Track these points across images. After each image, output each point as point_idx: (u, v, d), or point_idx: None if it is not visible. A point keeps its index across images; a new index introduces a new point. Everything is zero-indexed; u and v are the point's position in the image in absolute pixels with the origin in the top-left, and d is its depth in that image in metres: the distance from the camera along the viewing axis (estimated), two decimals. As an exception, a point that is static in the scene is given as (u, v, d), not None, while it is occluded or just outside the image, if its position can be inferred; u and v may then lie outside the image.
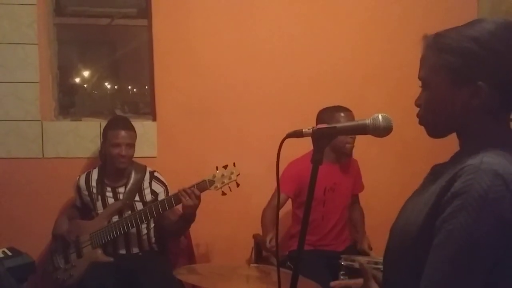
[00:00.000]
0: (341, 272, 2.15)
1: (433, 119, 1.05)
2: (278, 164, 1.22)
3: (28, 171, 2.75)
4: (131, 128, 2.51)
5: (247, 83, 2.91)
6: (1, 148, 2.74)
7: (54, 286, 2.47)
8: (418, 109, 1.08)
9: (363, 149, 2.66)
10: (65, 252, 2.46)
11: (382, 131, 1.08)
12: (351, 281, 1.34)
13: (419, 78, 1.07)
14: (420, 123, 1.08)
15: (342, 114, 2.44)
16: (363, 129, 1.11)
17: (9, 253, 2.32)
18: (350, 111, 2.48)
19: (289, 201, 2.56)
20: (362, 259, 2.18)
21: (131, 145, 2.49)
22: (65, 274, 2.43)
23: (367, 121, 1.09)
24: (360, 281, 1.20)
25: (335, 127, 1.16)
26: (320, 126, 1.19)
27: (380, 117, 1.08)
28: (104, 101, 3.15)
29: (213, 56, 2.87)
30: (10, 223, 2.72)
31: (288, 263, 2.49)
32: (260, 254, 2.66)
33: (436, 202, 0.95)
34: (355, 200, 2.76)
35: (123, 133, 2.46)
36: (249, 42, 2.89)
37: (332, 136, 1.17)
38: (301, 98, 2.91)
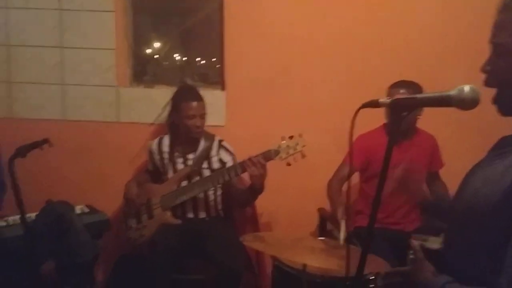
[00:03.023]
0: (410, 252, 2.08)
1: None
2: (352, 134, 1.18)
3: (104, 134, 2.89)
4: (202, 99, 2.54)
5: (317, 55, 2.84)
6: (80, 111, 2.89)
7: (126, 244, 2.61)
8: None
9: (439, 125, 2.53)
10: (137, 213, 2.57)
11: (468, 103, 1.00)
12: (402, 268, 1.31)
13: (493, 43, 0.98)
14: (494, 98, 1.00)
15: (402, 90, 2.33)
16: (447, 101, 1.03)
17: (87, 210, 2.48)
18: (417, 86, 2.36)
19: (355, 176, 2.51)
20: (436, 239, 2.09)
21: (204, 115, 2.53)
22: (136, 233, 2.55)
23: (452, 92, 1.02)
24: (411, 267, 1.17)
25: (415, 97, 1.10)
26: (399, 96, 1.14)
27: (467, 88, 1.00)
28: (174, 70, 3.20)
29: (284, 26, 2.82)
30: (87, 182, 2.90)
31: (354, 239, 2.45)
32: (324, 228, 2.65)
33: None
34: (434, 177, 2.64)
35: (196, 104, 2.49)
36: (321, 13, 2.81)
37: (412, 108, 1.11)
38: (372, 72, 2.80)
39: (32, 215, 2.19)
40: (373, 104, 1.14)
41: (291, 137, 2.26)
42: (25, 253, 2.09)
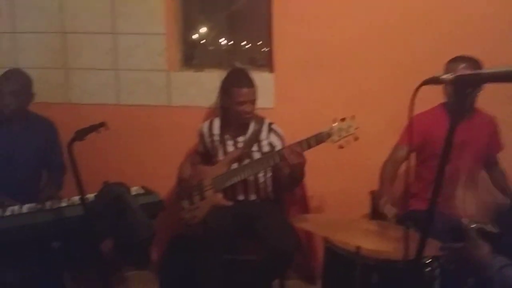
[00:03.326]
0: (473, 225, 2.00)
1: None
2: (412, 113, 1.14)
3: (156, 118, 2.96)
4: (253, 84, 2.51)
5: (370, 34, 2.75)
6: (132, 96, 2.97)
7: (179, 225, 2.68)
8: None
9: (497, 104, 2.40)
10: (190, 194, 2.62)
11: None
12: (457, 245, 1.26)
13: None
14: None
15: (463, 65, 2.21)
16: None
17: (142, 192, 2.54)
18: (476, 61, 2.23)
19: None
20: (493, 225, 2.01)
21: (255, 101, 2.52)
22: (189, 214, 2.60)
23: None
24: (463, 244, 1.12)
25: (481, 73, 1.04)
26: (460, 72, 1.08)
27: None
28: (221, 54, 3.21)
29: (333, 7, 2.75)
30: (142, 164, 2.98)
31: (408, 222, 2.38)
32: (377, 211, 2.60)
33: None
34: (492, 162, 2.52)
35: (247, 90, 2.47)
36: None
37: (477, 84, 1.05)
38: (428, 50, 2.69)
39: (90, 196, 2.28)
40: (435, 80, 1.09)
41: (343, 119, 2.22)
42: (85, 232, 2.17)
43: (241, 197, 2.61)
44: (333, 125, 2.23)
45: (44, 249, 2.33)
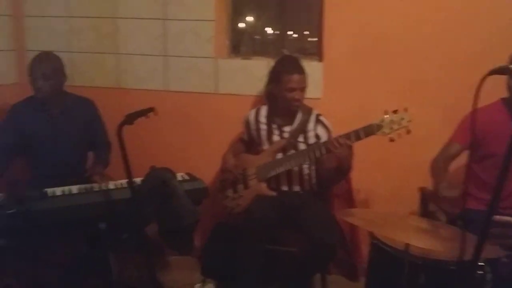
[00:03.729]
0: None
1: None
2: (476, 105, 1.06)
3: (203, 105, 2.96)
4: (304, 71, 2.46)
5: (424, 23, 2.63)
6: (181, 82, 2.98)
7: (223, 213, 2.68)
8: None
9: None
10: (233, 183, 2.62)
11: None
12: None
13: None
14: None
15: None
16: None
17: (187, 178, 2.56)
18: None
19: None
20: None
21: (305, 88, 2.46)
22: (233, 202, 2.60)
23: None
24: None
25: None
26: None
27: None
28: (268, 43, 3.16)
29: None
30: (187, 151, 3.01)
31: (460, 222, 2.28)
32: (426, 208, 2.50)
33: None
34: None
35: (298, 77, 2.42)
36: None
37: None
38: (486, 40, 2.54)
39: (137, 180, 2.31)
40: (503, 70, 1.01)
41: (395, 111, 2.14)
42: (131, 215, 2.21)
43: (284, 188, 2.58)
44: (385, 117, 2.15)
45: (91, 230, 2.39)
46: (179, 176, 2.51)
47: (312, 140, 2.51)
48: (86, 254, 2.47)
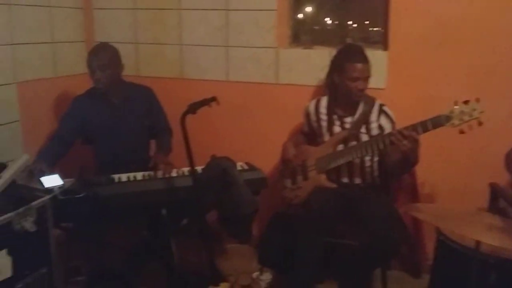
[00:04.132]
0: None
1: None
2: None
3: (263, 95, 2.96)
4: (368, 60, 2.38)
5: (497, 8, 2.46)
6: (242, 73, 2.99)
7: (281, 203, 2.67)
8: None
9: None
10: (293, 174, 2.60)
11: None
12: None
13: None
14: None
15: None
16: None
17: (246, 168, 2.58)
18: None
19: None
20: None
21: (368, 78, 2.39)
22: (291, 193, 2.58)
23: None
24: None
25: None
26: None
27: None
28: (327, 33, 3.09)
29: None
30: (247, 141, 3.02)
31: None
32: (496, 205, 2.36)
33: None
34: None
35: (362, 66, 2.35)
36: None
37: None
38: None
39: (198, 168, 2.35)
40: None
41: (466, 102, 2.03)
42: (192, 202, 2.26)
43: (345, 180, 2.53)
44: (454, 107, 2.04)
45: (154, 216, 2.47)
46: (239, 165, 2.53)
47: (375, 131, 2.43)
48: (149, 239, 2.56)
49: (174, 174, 2.45)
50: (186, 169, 2.46)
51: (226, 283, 2.27)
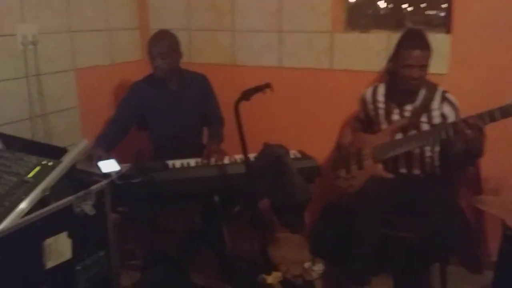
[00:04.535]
0: None
1: None
2: None
3: (318, 81, 2.88)
4: (427, 47, 2.24)
5: None
6: (295, 58, 2.92)
7: (334, 192, 2.61)
8: None
9: None
10: (347, 162, 2.52)
11: None
12: None
13: None
14: None
15: None
16: None
17: (298, 156, 2.53)
18: None
19: None
20: None
21: (425, 66, 2.25)
22: (345, 182, 2.51)
23: None
24: None
25: None
26: None
27: None
28: (384, 15, 2.95)
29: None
30: (300, 128, 2.96)
31: None
32: None
33: None
34: None
35: (417, 53, 2.21)
36: None
37: None
38: None
39: (251, 156, 2.33)
40: None
41: (539, 89, 1.88)
42: (245, 190, 2.24)
43: (403, 171, 2.42)
44: (527, 95, 1.90)
45: (206, 202, 2.48)
46: (291, 153, 2.49)
47: (437, 120, 2.31)
48: (201, 224, 2.57)
49: (226, 161, 2.44)
50: (238, 157, 2.45)
51: (277, 272, 2.24)
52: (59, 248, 1.66)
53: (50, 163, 1.72)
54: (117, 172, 1.96)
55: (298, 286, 2.47)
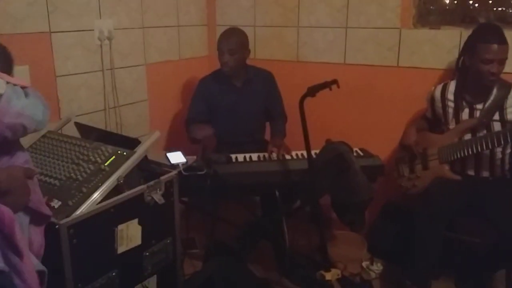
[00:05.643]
0: None
1: None
2: None
3: (383, 79, 2.83)
4: (505, 41, 2.15)
5: None
6: (360, 55, 2.88)
7: (396, 192, 2.56)
8: None
9: None
10: (411, 162, 2.47)
11: None
12: None
13: None
14: None
15: None
16: None
17: (361, 154, 2.51)
18: None
19: None
20: None
21: (504, 61, 2.16)
22: (408, 182, 2.46)
23: None
24: None
25: None
26: None
27: None
28: (446, 13, 2.83)
29: None
30: (363, 126, 2.92)
31: None
32: None
33: None
34: None
35: (497, 47, 2.13)
36: None
37: None
38: None
39: (313, 152, 2.33)
40: None
41: None
42: (306, 186, 2.26)
43: (471, 172, 2.34)
44: None
45: (267, 196, 2.52)
46: (354, 151, 2.46)
47: (510, 118, 2.21)
48: (262, 218, 2.62)
49: (288, 156, 2.47)
50: (301, 152, 2.47)
51: (336, 269, 2.24)
52: (130, 234, 1.75)
53: (125, 153, 1.82)
54: (183, 164, 2.04)
55: (356, 284, 2.46)
